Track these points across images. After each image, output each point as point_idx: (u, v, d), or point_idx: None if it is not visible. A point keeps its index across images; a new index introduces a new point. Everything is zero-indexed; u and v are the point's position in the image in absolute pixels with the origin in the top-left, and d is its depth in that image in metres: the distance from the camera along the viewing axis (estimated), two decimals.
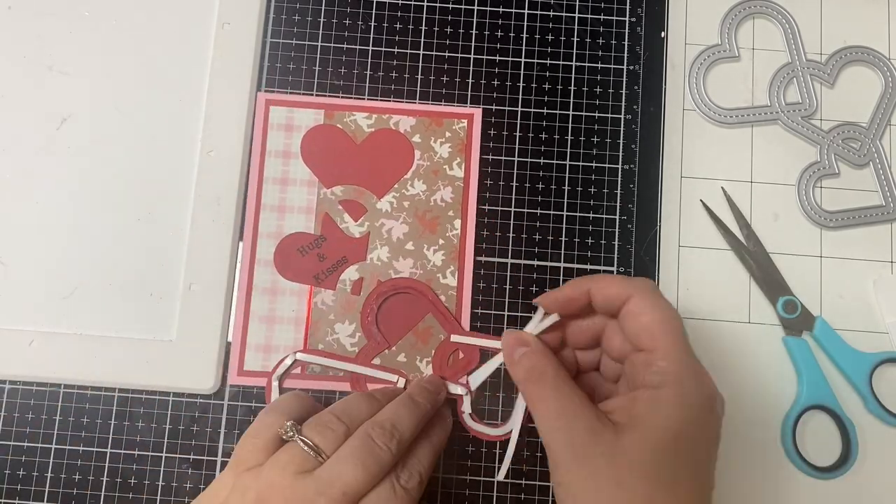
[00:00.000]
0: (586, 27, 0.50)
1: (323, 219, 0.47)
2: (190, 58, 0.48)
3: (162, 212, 0.47)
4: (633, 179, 0.48)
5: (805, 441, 0.45)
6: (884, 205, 0.48)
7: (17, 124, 0.47)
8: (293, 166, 0.47)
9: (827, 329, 0.46)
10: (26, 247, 0.46)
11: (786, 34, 0.50)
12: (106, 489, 0.44)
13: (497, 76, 0.49)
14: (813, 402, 0.45)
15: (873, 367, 0.45)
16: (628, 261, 0.47)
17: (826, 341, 0.45)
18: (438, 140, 0.48)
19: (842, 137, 0.49)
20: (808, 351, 0.45)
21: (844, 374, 0.45)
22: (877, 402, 0.44)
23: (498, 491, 0.44)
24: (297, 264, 0.46)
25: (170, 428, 0.45)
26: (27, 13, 0.49)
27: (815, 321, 0.46)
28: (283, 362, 0.44)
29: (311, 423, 0.37)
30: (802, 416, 0.45)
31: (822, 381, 0.45)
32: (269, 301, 0.46)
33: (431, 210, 0.47)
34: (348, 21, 0.49)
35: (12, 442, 0.44)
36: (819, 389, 0.45)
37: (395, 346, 0.45)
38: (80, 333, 0.45)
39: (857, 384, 0.45)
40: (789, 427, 0.44)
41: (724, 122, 0.49)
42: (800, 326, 0.46)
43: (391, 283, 0.46)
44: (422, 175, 0.48)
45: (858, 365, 0.45)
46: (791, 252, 0.47)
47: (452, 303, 0.46)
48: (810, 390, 0.45)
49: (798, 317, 0.46)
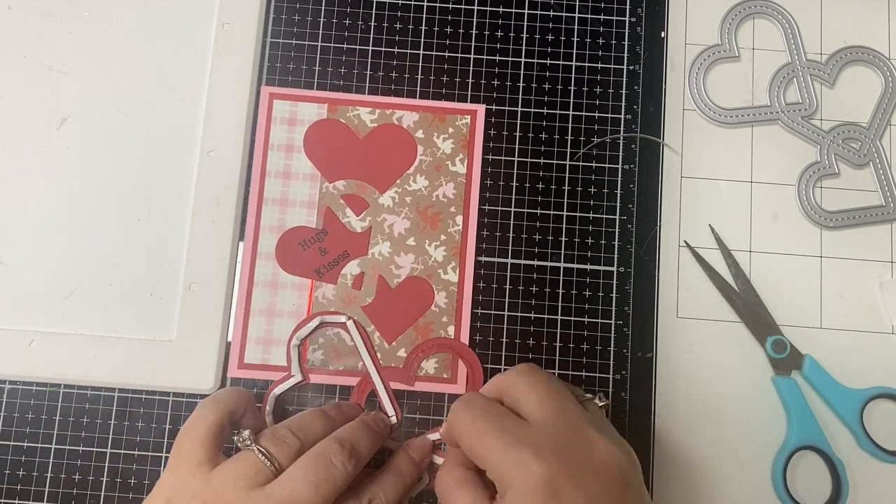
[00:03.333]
0: (586, 27, 0.50)
1: (325, 213, 0.47)
2: (190, 58, 0.48)
3: (162, 212, 0.47)
4: (633, 179, 0.48)
5: (796, 481, 0.45)
6: (884, 205, 0.48)
7: (17, 124, 0.47)
8: (296, 160, 0.47)
9: (816, 367, 0.45)
10: (26, 247, 0.46)
11: (786, 34, 0.50)
12: (106, 489, 0.44)
13: (497, 76, 0.49)
14: (803, 443, 0.44)
15: (864, 402, 0.45)
16: (628, 261, 0.47)
17: (816, 380, 0.45)
18: (441, 136, 0.48)
19: (842, 137, 0.49)
20: (797, 391, 0.45)
21: (835, 411, 0.45)
22: (868, 438, 0.44)
23: None
24: (298, 258, 0.46)
25: (170, 428, 0.45)
26: (27, 13, 0.49)
27: (804, 360, 0.45)
28: (306, 324, 0.44)
29: (267, 435, 0.37)
30: (792, 456, 0.44)
31: (811, 421, 0.44)
32: (270, 294, 0.46)
33: (433, 206, 0.47)
34: (348, 21, 0.49)
35: (12, 442, 0.44)
36: (809, 430, 0.44)
37: (396, 341, 0.45)
38: (80, 333, 0.45)
39: (848, 421, 0.44)
40: (779, 468, 0.44)
41: (724, 122, 0.49)
42: (789, 366, 0.45)
43: (436, 341, 0.45)
44: (424, 171, 0.48)
45: (849, 402, 0.45)
46: (791, 252, 0.47)
47: (454, 299, 0.46)
48: (800, 431, 0.44)
49: (787, 356, 0.45)
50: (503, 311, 0.46)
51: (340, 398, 0.45)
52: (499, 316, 0.46)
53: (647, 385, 0.46)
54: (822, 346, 0.46)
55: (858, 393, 0.45)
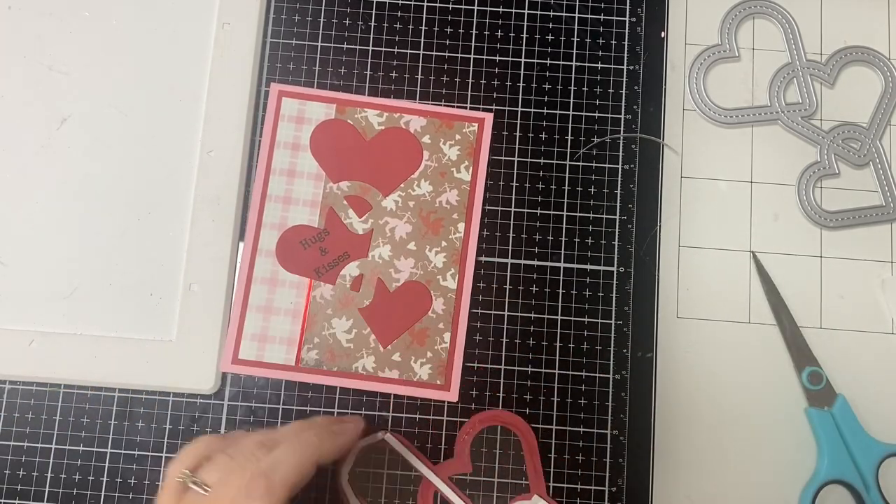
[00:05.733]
0: (586, 27, 0.50)
1: (327, 213, 0.47)
2: (190, 58, 0.48)
3: (162, 212, 0.47)
4: (633, 179, 0.48)
5: None
6: (884, 205, 0.48)
7: (17, 124, 0.47)
8: (301, 159, 0.47)
9: (846, 409, 0.45)
10: (26, 247, 0.46)
11: (786, 34, 0.50)
12: (106, 489, 0.44)
13: (497, 76, 0.49)
14: (833, 477, 0.44)
15: (883, 457, 0.44)
16: (628, 261, 0.47)
17: (843, 420, 0.44)
18: (448, 142, 0.48)
19: (842, 137, 0.49)
20: (831, 424, 0.44)
21: (853, 457, 0.44)
22: (879, 493, 0.43)
23: (498, 491, 0.44)
24: (298, 257, 0.46)
25: (170, 428, 0.45)
26: (27, 13, 0.49)
27: (837, 398, 0.45)
28: (347, 459, 0.43)
29: (206, 466, 0.37)
30: (822, 490, 0.44)
31: (844, 456, 0.44)
32: (268, 291, 0.46)
33: (436, 211, 0.47)
34: (348, 21, 0.49)
35: (12, 442, 0.44)
36: (841, 464, 0.44)
37: (391, 345, 0.45)
38: (80, 333, 0.45)
39: (863, 471, 0.44)
40: (808, 501, 0.44)
41: (724, 122, 0.49)
42: (822, 400, 0.45)
43: (479, 418, 0.45)
44: (429, 176, 0.48)
45: (869, 452, 0.44)
46: (791, 252, 0.47)
47: (451, 306, 0.46)
48: (832, 464, 0.44)
49: (822, 389, 0.45)
50: (503, 311, 0.46)
51: (341, 397, 0.45)
52: (499, 316, 0.46)
53: (647, 385, 0.46)
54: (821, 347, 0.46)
55: (880, 446, 0.44)
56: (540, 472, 0.44)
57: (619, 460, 0.45)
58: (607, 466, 0.45)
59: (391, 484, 0.44)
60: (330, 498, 0.44)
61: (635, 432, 0.45)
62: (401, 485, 0.44)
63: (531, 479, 0.44)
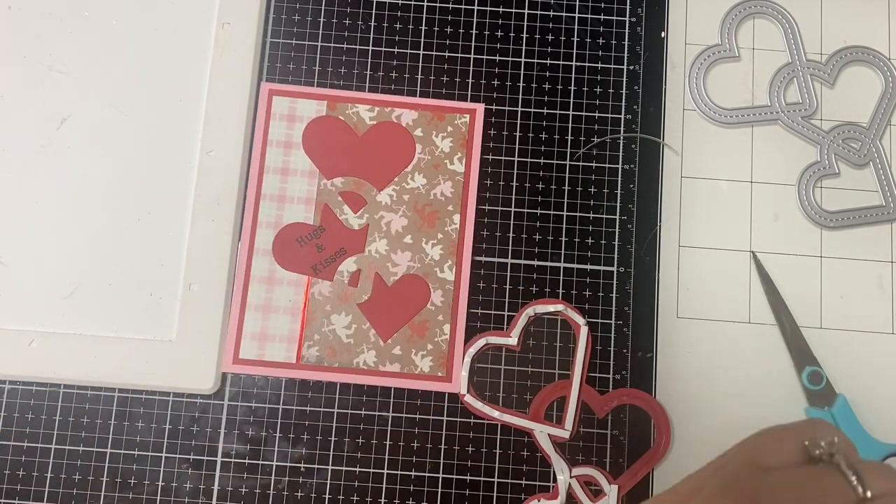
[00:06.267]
0: (586, 27, 0.50)
1: (322, 210, 0.47)
2: (190, 57, 0.48)
3: (162, 212, 0.47)
4: (633, 179, 0.48)
5: None
6: (884, 205, 0.48)
7: (17, 124, 0.47)
8: (294, 156, 0.47)
9: (846, 409, 0.44)
10: (26, 247, 0.46)
11: (786, 34, 0.50)
12: (106, 489, 0.44)
13: (497, 76, 0.49)
14: None
15: (883, 457, 0.44)
16: (628, 261, 0.47)
17: (843, 421, 0.44)
18: (440, 134, 0.48)
19: (842, 137, 0.49)
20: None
21: None
22: None
23: (498, 491, 0.44)
24: (295, 254, 0.46)
25: (170, 428, 0.45)
26: (27, 13, 0.49)
27: (837, 399, 0.45)
28: (475, 342, 0.45)
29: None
30: None
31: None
32: (266, 290, 0.46)
33: (431, 204, 0.47)
34: (348, 20, 0.49)
35: (12, 442, 0.44)
36: None
37: (391, 339, 0.45)
38: (80, 333, 0.45)
39: None
40: None
41: (724, 122, 0.49)
42: (822, 401, 0.45)
43: (620, 393, 0.45)
44: (422, 169, 0.48)
45: (869, 452, 0.43)
46: (791, 252, 0.47)
47: (450, 298, 0.46)
48: None
49: (822, 389, 0.45)
50: (503, 311, 0.46)
51: (341, 397, 0.45)
52: (499, 316, 0.46)
53: (647, 385, 0.46)
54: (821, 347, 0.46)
55: (880, 446, 0.44)
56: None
57: (620, 460, 0.45)
58: (607, 466, 0.45)
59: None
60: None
61: (635, 433, 0.45)
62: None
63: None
